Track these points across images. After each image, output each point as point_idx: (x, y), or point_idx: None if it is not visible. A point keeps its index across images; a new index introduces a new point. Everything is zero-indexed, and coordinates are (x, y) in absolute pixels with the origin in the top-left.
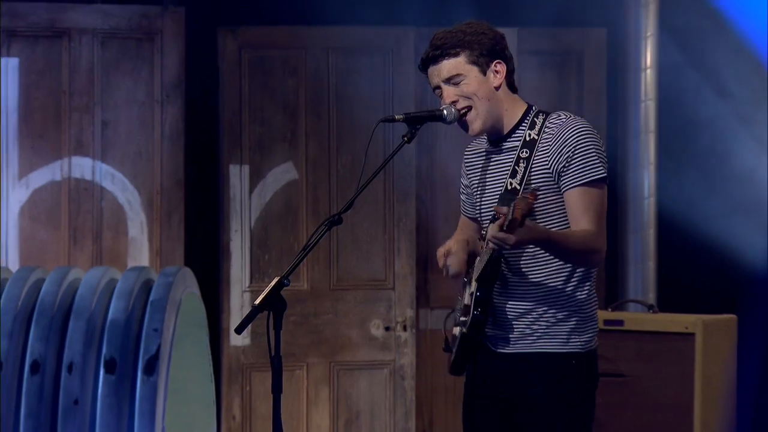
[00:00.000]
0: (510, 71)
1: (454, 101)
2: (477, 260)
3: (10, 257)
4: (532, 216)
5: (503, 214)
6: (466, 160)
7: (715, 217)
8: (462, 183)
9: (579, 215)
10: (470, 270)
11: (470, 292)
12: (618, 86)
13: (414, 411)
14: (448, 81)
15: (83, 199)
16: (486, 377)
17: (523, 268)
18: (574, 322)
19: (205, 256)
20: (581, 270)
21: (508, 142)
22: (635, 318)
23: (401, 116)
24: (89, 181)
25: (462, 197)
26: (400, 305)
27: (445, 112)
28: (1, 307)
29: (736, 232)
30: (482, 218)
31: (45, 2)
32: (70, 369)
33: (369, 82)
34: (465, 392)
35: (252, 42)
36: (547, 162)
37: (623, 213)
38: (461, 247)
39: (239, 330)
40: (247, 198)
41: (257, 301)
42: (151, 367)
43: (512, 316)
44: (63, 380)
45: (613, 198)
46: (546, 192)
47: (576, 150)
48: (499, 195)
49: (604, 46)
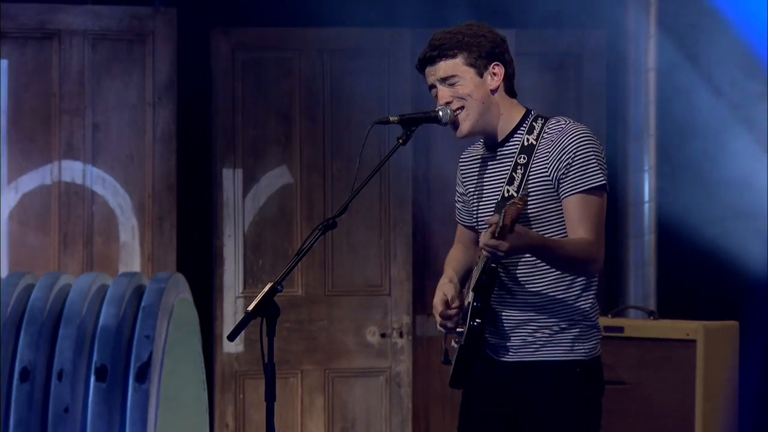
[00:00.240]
0: (509, 75)
1: (449, 102)
2: (474, 270)
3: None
4: (529, 223)
5: (494, 223)
6: (462, 167)
7: (716, 222)
8: (457, 191)
9: (576, 223)
10: (468, 281)
11: (467, 302)
12: (617, 89)
13: (410, 419)
14: (444, 81)
15: (73, 204)
16: (487, 386)
17: (524, 277)
18: (578, 330)
19: (198, 262)
20: (582, 279)
21: (506, 148)
22: (635, 325)
23: (396, 118)
24: (80, 185)
25: (457, 205)
26: (397, 311)
27: (441, 114)
28: None
29: (738, 237)
30: (479, 226)
31: (34, 3)
32: (60, 376)
33: (364, 85)
34: (462, 401)
35: (245, 43)
36: (546, 168)
37: (623, 217)
38: (455, 297)
39: (232, 337)
40: (241, 202)
41: (250, 308)
42: (143, 375)
43: (514, 325)
44: (53, 388)
45: (613, 202)
46: (544, 199)
47: (576, 156)
48: (496, 203)
49: (603, 48)
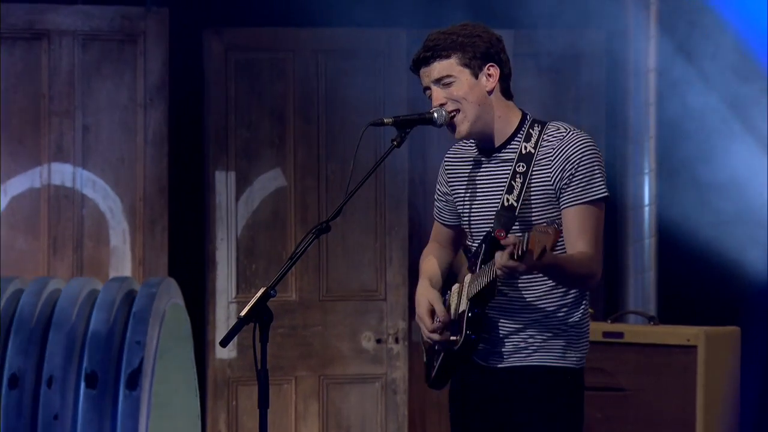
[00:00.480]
0: (505, 76)
1: (443, 103)
2: (468, 277)
3: None
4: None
5: (513, 244)
6: (448, 167)
7: (717, 226)
8: (439, 190)
9: (576, 236)
10: (459, 282)
11: (461, 310)
12: (616, 90)
13: (406, 426)
14: (438, 82)
15: (63, 207)
16: (477, 393)
17: (520, 286)
18: (570, 338)
19: (190, 266)
20: (575, 291)
21: (503, 153)
22: (635, 330)
23: (390, 119)
24: (69, 188)
25: (438, 204)
26: (392, 317)
27: (435, 115)
28: None
29: (739, 241)
30: (472, 232)
31: (24, 3)
32: (50, 383)
33: (360, 86)
34: (451, 409)
35: (238, 44)
36: (549, 177)
37: (622, 221)
38: (444, 317)
39: (224, 342)
40: (234, 205)
41: (243, 313)
42: (134, 382)
43: (507, 332)
44: (42, 395)
45: (612, 206)
46: (545, 208)
47: (579, 167)
48: (495, 212)
49: (602, 49)
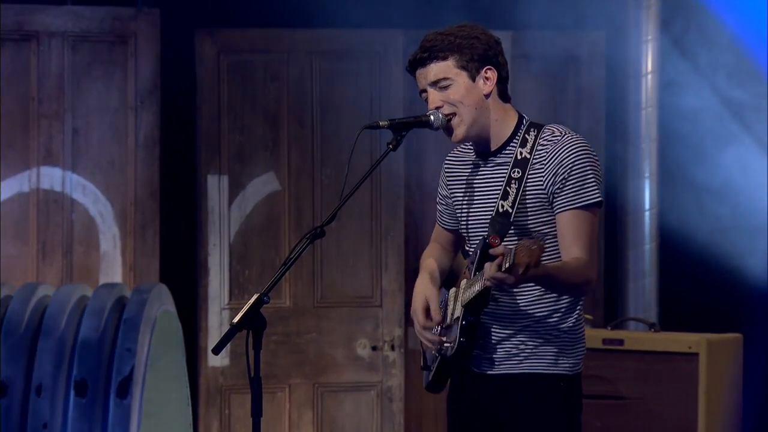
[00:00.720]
0: (502, 79)
1: (439, 106)
2: (463, 282)
3: None
4: (524, 237)
5: (501, 255)
6: (448, 170)
7: (719, 230)
8: (440, 193)
9: (570, 241)
10: (457, 285)
11: (455, 316)
12: (616, 92)
13: None
14: (435, 85)
15: (52, 212)
16: (470, 400)
17: (511, 292)
18: (563, 345)
19: (182, 272)
20: (568, 296)
21: (499, 158)
22: (636, 337)
23: (386, 122)
24: (59, 193)
25: (439, 207)
26: (388, 323)
27: (432, 118)
28: None
29: (742, 246)
30: (469, 236)
31: (12, 4)
32: (39, 391)
33: (355, 88)
34: (448, 415)
35: (231, 45)
36: (542, 182)
37: (622, 226)
38: (438, 318)
39: (217, 350)
40: (226, 210)
41: (235, 320)
42: (125, 390)
43: (499, 338)
44: (31, 403)
45: (612, 210)
46: (539, 212)
47: (573, 171)
48: (490, 218)
49: (602, 51)
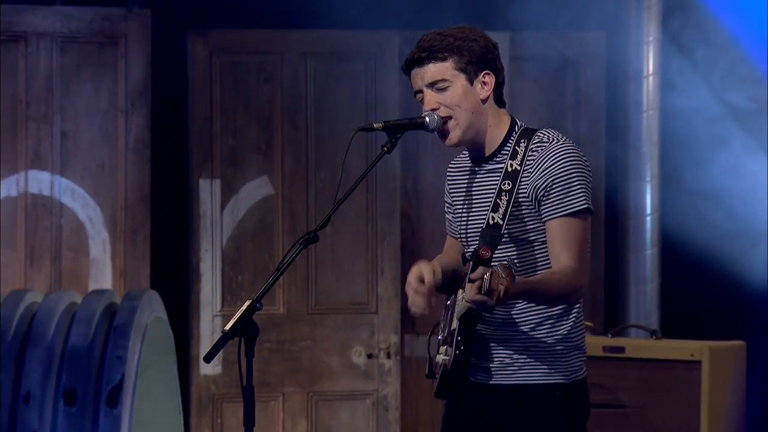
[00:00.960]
0: (499, 84)
1: (435, 108)
2: (460, 292)
3: None
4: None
5: (479, 279)
6: (450, 178)
7: (722, 235)
8: (446, 201)
9: (558, 249)
10: (455, 294)
11: (452, 327)
12: (617, 94)
13: None
14: (432, 86)
15: (41, 217)
16: (468, 409)
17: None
18: (557, 352)
19: (173, 278)
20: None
21: (490, 164)
22: (637, 345)
23: (380, 125)
24: (47, 197)
25: (447, 216)
26: (384, 330)
27: (427, 120)
28: None
29: (745, 251)
30: (469, 244)
31: None
32: (27, 400)
33: (350, 90)
34: (443, 424)
35: (224, 46)
36: (526, 189)
37: (623, 231)
38: (430, 282)
39: (209, 358)
40: (219, 215)
41: (228, 327)
42: (115, 399)
43: (492, 348)
44: (20, 412)
45: (613, 215)
46: (528, 222)
47: (557, 178)
48: (481, 230)
49: (603, 52)
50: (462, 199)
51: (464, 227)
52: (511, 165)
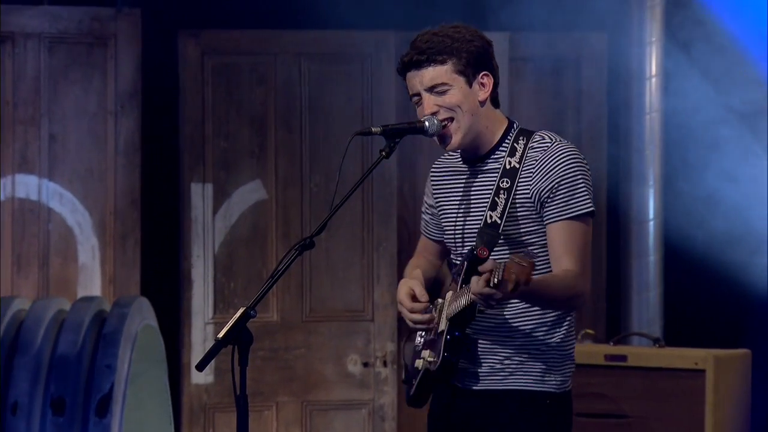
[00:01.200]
0: (495, 84)
1: (435, 112)
2: (449, 294)
3: None
4: (511, 248)
5: (490, 270)
6: (434, 179)
7: (727, 241)
8: (426, 203)
9: (561, 253)
10: (435, 301)
11: (440, 330)
12: (619, 96)
13: None
14: (431, 90)
15: (28, 222)
16: (455, 416)
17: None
18: (550, 361)
19: (164, 285)
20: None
21: (487, 164)
22: (640, 353)
23: (378, 129)
24: (35, 202)
25: (425, 217)
26: (380, 338)
27: (427, 124)
28: None
29: (751, 257)
30: (465, 245)
31: None
32: (15, 410)
33: (345, 92)
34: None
35: (216, 47)
36: (529, 190)
37: (625, 236)
38: (426, 297)
39: (201, 366)
40: (211, 220)
41: (220, 335)
42: (104, 408)
43: (482, 353)
44: (7, 422)
45: (615, 220)
46: (528, 223)
47: (562, 180)
48: (478, 229)
49: (605, 53)
50: (454, 201)
51: (459, 228)
52: (510, 162)
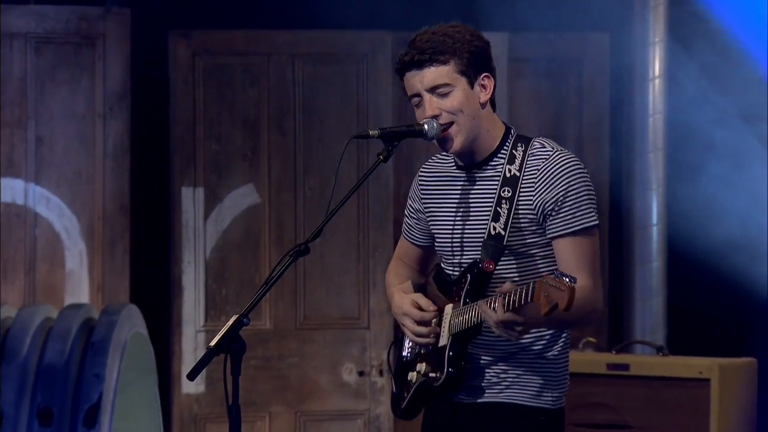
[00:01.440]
0: (494, 86)
1: (436, 115)
2: (449, 308)
3: None
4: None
5: (504, 294)
6: (423, 183)
7: (732, 247)
8: (411, 206)
9: (573, 269)
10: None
11: (441, 345)
12: (622, 98)
13: None
14: (432, 91)
15: (14, 227)
16: (448, 430)
17: None
18: (547, 376)
19: (154, 292)
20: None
21: (484, 171)
22: (642, 361)
23: (376, 132)
24: (21, 206)
25: (409, 221)
26: (376, 347)
27: (426, 127)
28: None
29: (756, 264)
30: (463, 255)
31: None
32: (0, 420)
33: (340, 94)
34: None
35: (207, 47)
36: (532, 201)
37: (628, 242)
38: (433, 308)
39: (192, 375)
40: (202, 225)
41: (212, 343)
42: (92, 419)
43: (478, 366)
44: None
45: (617, 225)
46: (530, 235)
47: (567, 194)
48: (482, 241)
49: (607, 53)
50: (449, 208)
51: (458, 238)
52: (510, 170)
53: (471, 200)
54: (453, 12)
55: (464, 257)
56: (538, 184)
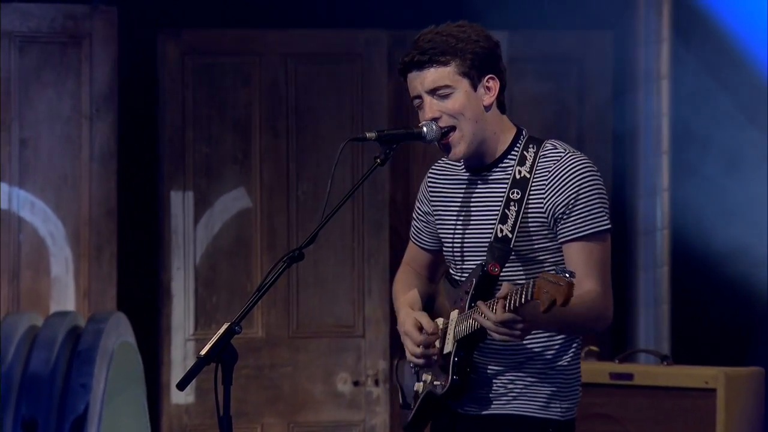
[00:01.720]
0: (502, 87)
1: (437, 117)
2: (455, 313)
3: None
4: (521, 264)
5: (506, 295)
6: (432, 185)
7: (739, 253)
8: (419, 209)
9: (582, 274)
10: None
11: (446, 351)
12: (626, 99)
13: None
14: (433, 92)
15: None
16: None
17: None
18: (556, 387)
19: (142, 299)
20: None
21: (494, 173)
22: (647, 371)
23: (373, 134)
24: (5, 211)
25: (417, 224)
26: (372, 356)
27: (425, 130)
28: None
29: (763, 270)
30: (464, 261)
31: None
32: None
33: (335, 94)
34: None
35: (197, 47)
36: (542, 204)
37: (632, 248)
38: (435, 330)
39: (182, 385)
40: (192, 230)
41: (203, 352)
42: (79, 430)
43: (486, 376)
44: None
45: (621, 230)
46: (539, 238)
47: (579, 197)
48: (488, 243)
49: (610, 52)
50: (452, 212)
51: (459, 241)
52: (520, 171)
53: (478, 202)
54: (451, 9)
55: (470, 261)
56: (549, 186)
